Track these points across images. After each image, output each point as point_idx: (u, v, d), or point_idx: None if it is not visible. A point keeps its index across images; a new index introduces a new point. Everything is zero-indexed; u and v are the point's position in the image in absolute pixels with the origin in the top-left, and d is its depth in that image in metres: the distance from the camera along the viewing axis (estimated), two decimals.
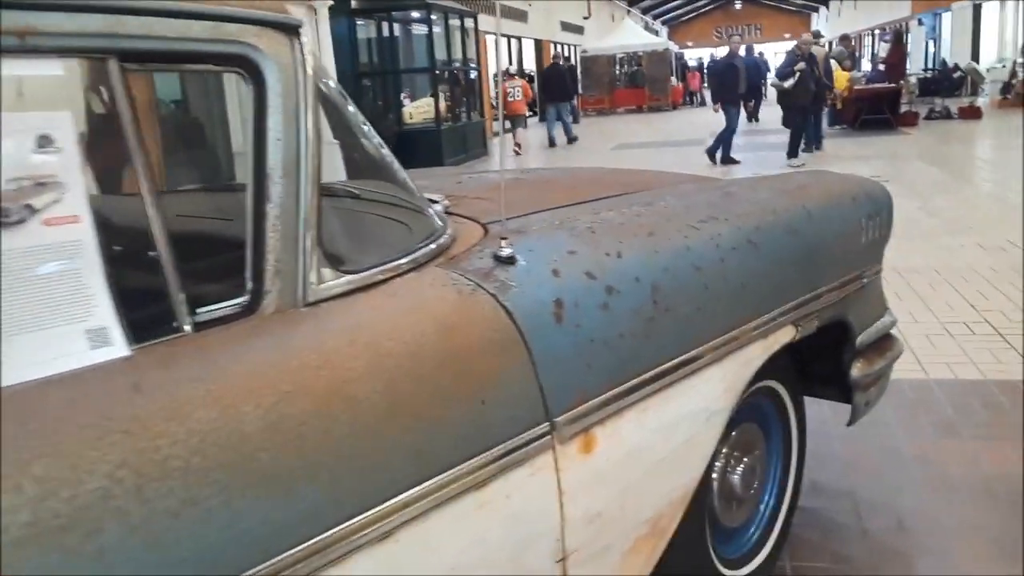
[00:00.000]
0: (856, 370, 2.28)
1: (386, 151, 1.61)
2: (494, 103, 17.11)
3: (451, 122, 14.66)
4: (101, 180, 1.30)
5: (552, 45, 25.86)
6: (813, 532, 2.47)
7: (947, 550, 2.36)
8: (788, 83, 11.26)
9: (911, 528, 2.48)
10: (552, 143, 16.45)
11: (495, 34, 17.28)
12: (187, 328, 1.09)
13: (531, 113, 19.01)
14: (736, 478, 2.06)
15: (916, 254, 5.77)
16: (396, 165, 1.61)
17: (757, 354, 1.85)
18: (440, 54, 14.67)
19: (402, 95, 14.78)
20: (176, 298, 1.08)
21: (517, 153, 14.91)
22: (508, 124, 14.94)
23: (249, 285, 1.16)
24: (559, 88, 16.88)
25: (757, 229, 1.91)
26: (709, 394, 1.71)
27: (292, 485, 1.02)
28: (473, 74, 16.26)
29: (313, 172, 1.23)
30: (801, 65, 11.17)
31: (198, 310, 1.11)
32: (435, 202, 1.78)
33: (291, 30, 1.26)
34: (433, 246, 1.46)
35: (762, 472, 2.21)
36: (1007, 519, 2.47)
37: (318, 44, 11.72)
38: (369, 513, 1.09)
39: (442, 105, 14.33)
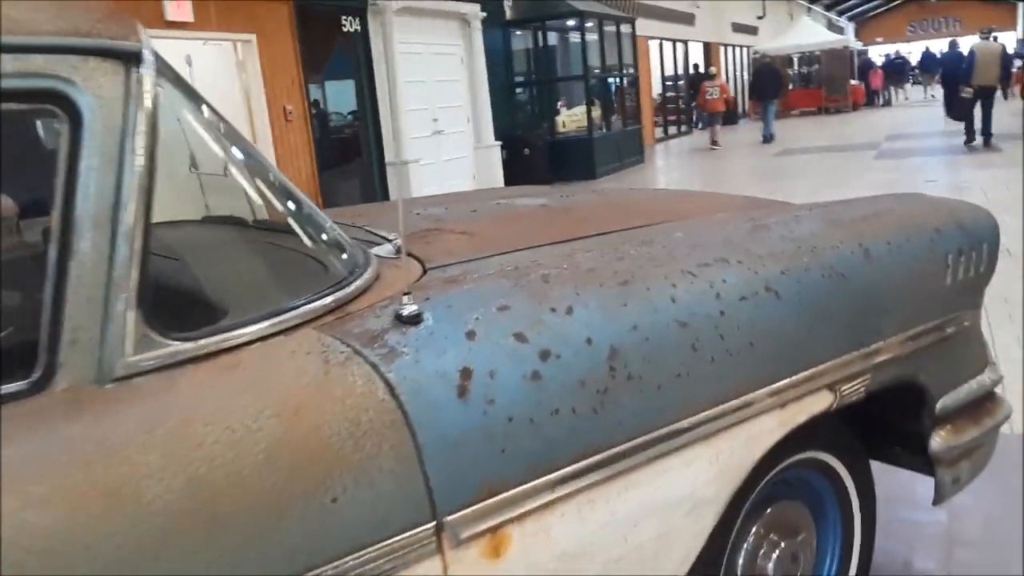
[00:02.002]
0: (938, 441, 1.85)
1: (290, 187, 1.41)
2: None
3: (605, 130, 14.38)
4: None
5: (721, 48, 24.94)
6: None
7: None
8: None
9: None
10: (768, 139, 16.53)
11: (657, 38, 16.91)
12: None
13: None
14: (771, 565, 1.71)
15: None
16: (304, 201, 1.40)
17: (770, 427, 1.50)
18: (596, 61, 14.42)
19: (559, 103, 14.67)
20: None
21: (713, 148, 16.07)
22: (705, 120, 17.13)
23: (43, 358, 1.00)
24: (772, 85, 17.08)
25: (783, 274, 1.56)
26: (692, 480, 1.39)
27: None
28: (629, 81, 15.90)
29: (135, 223, 1.05)
30: None
31: None
32: (386, 240, 1.56)
33: (126, 58, 1.09)
34: (326, 300, 1.24)
35: (812, 556, 1.84)
36: None
37: (470, 54, 11.83)
38: None
39: (596, 113, 14.08)
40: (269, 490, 1.01)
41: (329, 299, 1.24)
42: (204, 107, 1.28)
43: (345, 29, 10.09)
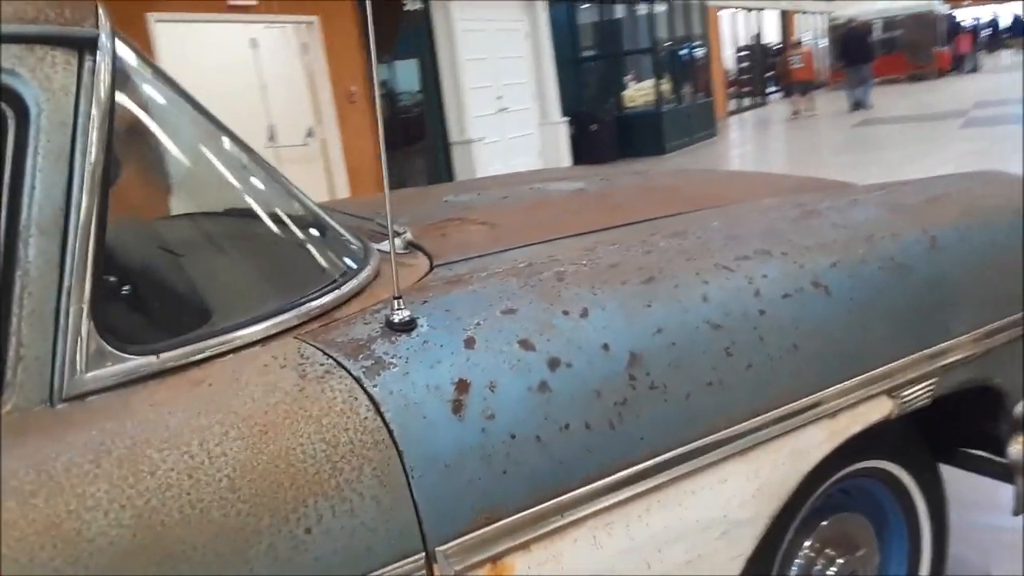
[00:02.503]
0: (1017, 448, 1.65)
1: (279, 180, 1.30)
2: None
3: (675, 103, 13.99)
4: None
5: (798, 15, 24.05)
6: None
7: None
8: None
9: None
10: (859, 106, 15.94)
11: (729, 6, 16.38)
12: None
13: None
14: None
15: None
16: (296, 195, 1.30)
17: (819, 439, 1.34)
18: (664, 32, 14.04)
19: (626, 78, 14.34)
20: None
21: (795, 117, 15.89)
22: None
23: None
24: (862, 51, 16.58)
25: (833, 266, 1.39)
26: (726, 499, 1.25)
27: None
28: (699, 52, 15.43)
29: (88, 226, 0.95)
30: None
31: None
32: (397, 233, 1.45)
33: (79, 45, 0.99)
34: (312, 305, 1.13)
35: (874, 571, 1.67)
36: None
37: (534, 29, 11.62)
38: None
39: (664, 86, 13.71)
40: (232, 522, 0.91)
41: (316, 303, 1.13)
42: (175, 92, 1.18)
43: (407, 8, 10.00)
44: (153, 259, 1.21)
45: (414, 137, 10.46)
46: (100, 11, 1.05)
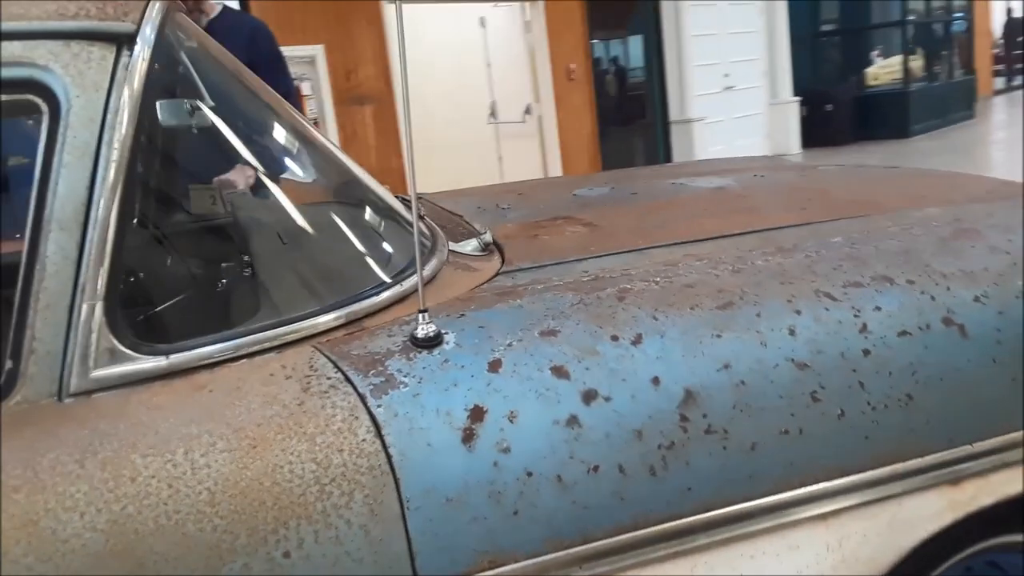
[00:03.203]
0: None
1: (351, 172, 1.25)
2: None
3: (926, 81, 12.70)
4: None
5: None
6: None
7: None
8: None
9: None
10: None
11: None
12: None
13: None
14: None
15: None
16: (364, 187, 1.24)
17: (934, 510, 1.11)
18: (918, 3, 12.76)
19: (873, 53, 13.20)
20: None
21: None
22: None
23: (7, 365, 0.95)
24: None
25: (977, 300, 1.14)
26: (796, 569, 1.06)
27: None
28: (958, 25, 13.87)
29: (107, 224, 0.96)
30: None
31: None
32: (477, 234, 1.37)
33: (117, 40, 0.99)
34: (341, 312, 1.08)
35: None
36: None
37: (770, 4, 11.00)
38: None
39: (916, 63, 12.47)
40: (207, 537, 0.88)
41: (344, 310, 1.08)
42: (235, 82, 1.16)
43: None
44: (176, 258, 1.22)
45: (633, 116, 10.27)
46: (155, 4, 1.05)
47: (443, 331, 1.04)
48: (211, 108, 1.17)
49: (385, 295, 1.12)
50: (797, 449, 1.05)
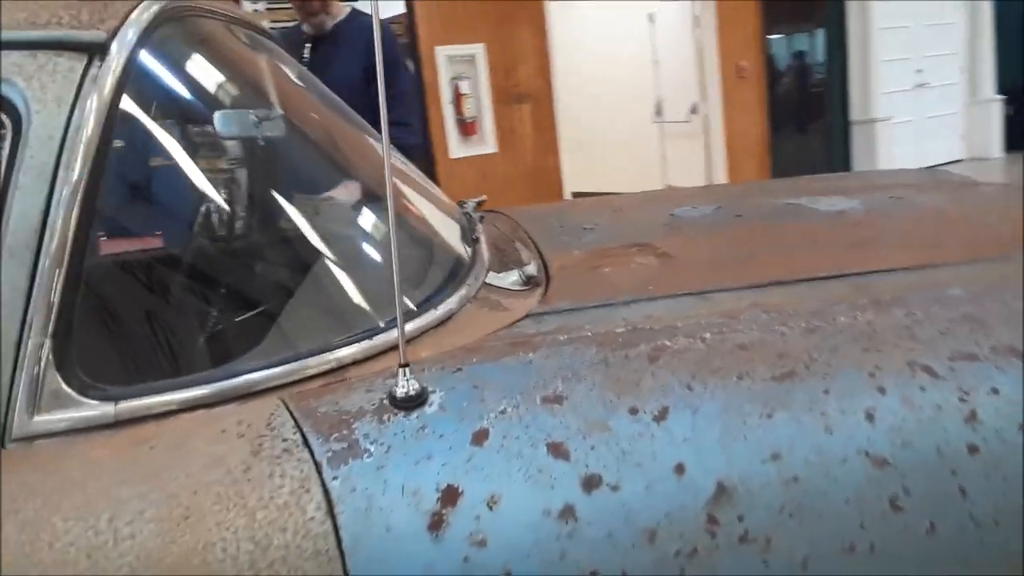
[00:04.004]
0: None
1: (409, 174, 1.12)
2: None
3: None
4: None
5: None
6: None
7: None
8: None
9: None
10: None
11: None
12: None
13: None
14: None
15: None
16: (409, 198, 1.10)
17: None
18: None
19: None
20: None
21: None
22: None
23: None
24: None
25: None
26: None
27: None
28: None
29: (62, 253, 0.87)
30: None
31: None
32: (519, 267, 1.20)
33: (89, 50, 0.90)
34: (324, 357, 0.94)
35: None
36: None
37: None
38: None
39: None
40: None
41: (323, 357, 0.94)
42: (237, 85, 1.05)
43: None
44: (141, 291, 1.12)
45: (809, 115, 9.64)
46: (145, 8, 0.95)
47: (430, 389, 0.88)
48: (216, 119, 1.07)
49: (379, 339, 0.97)
50: (866, 571, 0.81)
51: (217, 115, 1.27)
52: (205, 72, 1.10)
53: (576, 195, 7.37)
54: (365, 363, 0.95)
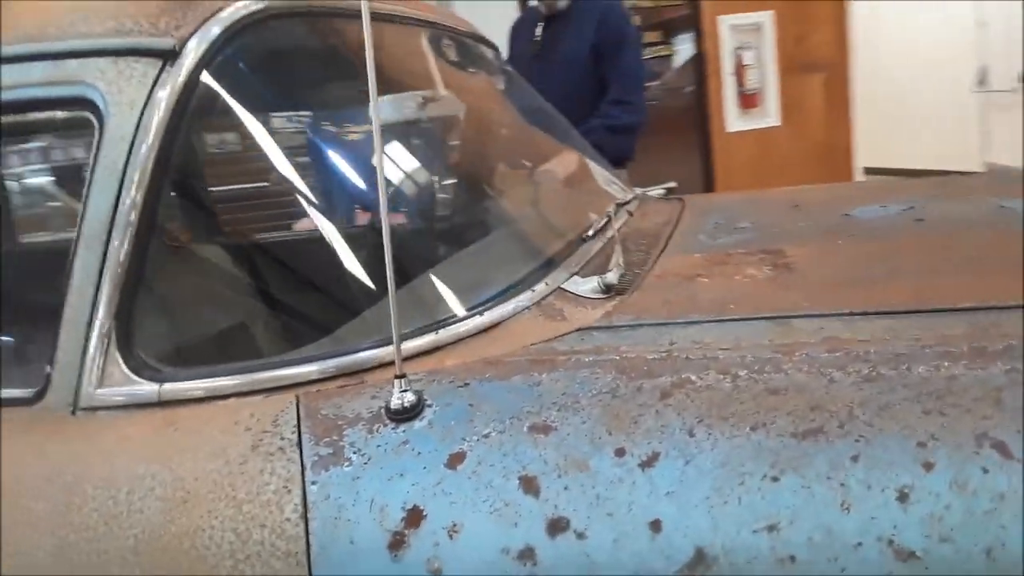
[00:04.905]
0: None
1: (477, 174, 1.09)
2: None
3: None
4: None
5: None
6: None
7: None
8: None
9: None
10: None
11: None
12: None
13: None
14: None
15: None
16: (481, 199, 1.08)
17: None
18: None
19: None
20: None
21: None
22: None
23: (47, 371, 1.00)
24: None
25: None
26: None
27: None
28: None
29: (125, 242, 0.95)
30: None
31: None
32: (600, 273, 1.12)
33: (159, 56, 0.98)
34: (339, 360, 0.93)
35: None
36: None
37: None
38: None
39: None
40: None
41: (337, 360, 0.94)
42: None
43: None
44: (210, 279, 1.16)
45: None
46: (220, 15, 1.01)
47: (428, 403, 0.86)
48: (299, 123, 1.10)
49: (419, 341, 0.95)
50: None
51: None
52: (303, 72, 1.14)
53: (869, 172, 6.75)
54: (377, 369, 0.94)
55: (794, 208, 1.60)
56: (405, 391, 0.85)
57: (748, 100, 6.65)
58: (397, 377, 0.86)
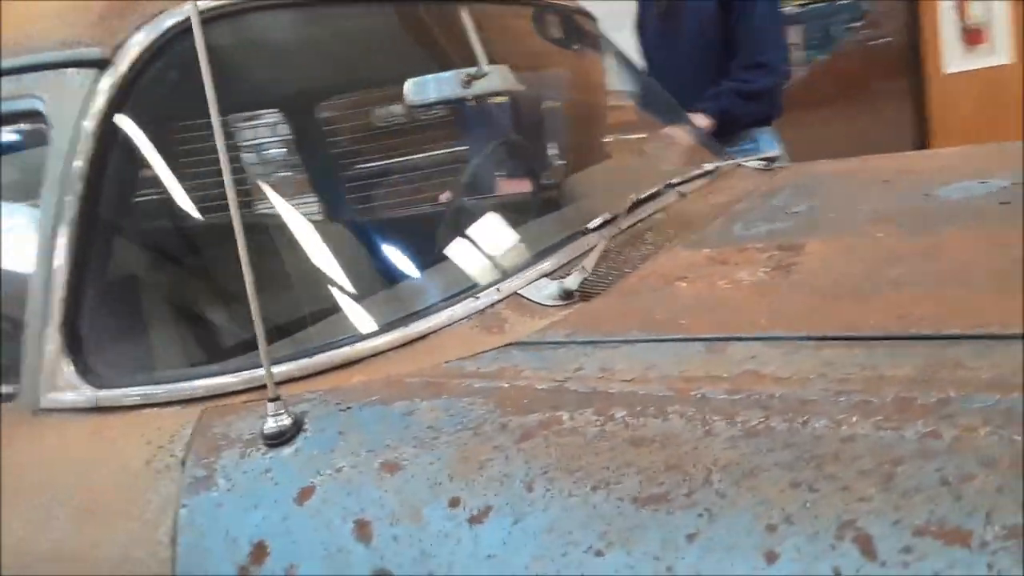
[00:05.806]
0: None
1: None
2: None
3: None
4: None
5: None
6: None
7: None
8: None
9: None
10: None
11: None
12: None
13: None
14: None
15: None
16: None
17: None
18: None
19: None
20: None
21: None
22: None
23: (12, 373, 1.05)
24: None
25: None
26: None
27: None
28: None
29: (66, 248, 0.97)
30: None
31: None
32: (562, 277, 1.01)
33: (95, 65, 0.98)
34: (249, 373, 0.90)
35: None
36: None
37: None
38: None
39: None
40: None
41: (247, 373, 0.90)
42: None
43: None
44: (158, 282, 1.14)
45: None
46: (157, 21, 1.00)
47: (305, 428, 0.81)
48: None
49: (321, 357, 0.90)
50: None
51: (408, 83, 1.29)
52: (262, 70, 1.11)
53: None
54: (304, 380, 0.90)
55: (883, 184, 1.38)
56: (279, 414, 0.81)
57: (972, 36, 5.86)
58: (270, 400, 0.81)
